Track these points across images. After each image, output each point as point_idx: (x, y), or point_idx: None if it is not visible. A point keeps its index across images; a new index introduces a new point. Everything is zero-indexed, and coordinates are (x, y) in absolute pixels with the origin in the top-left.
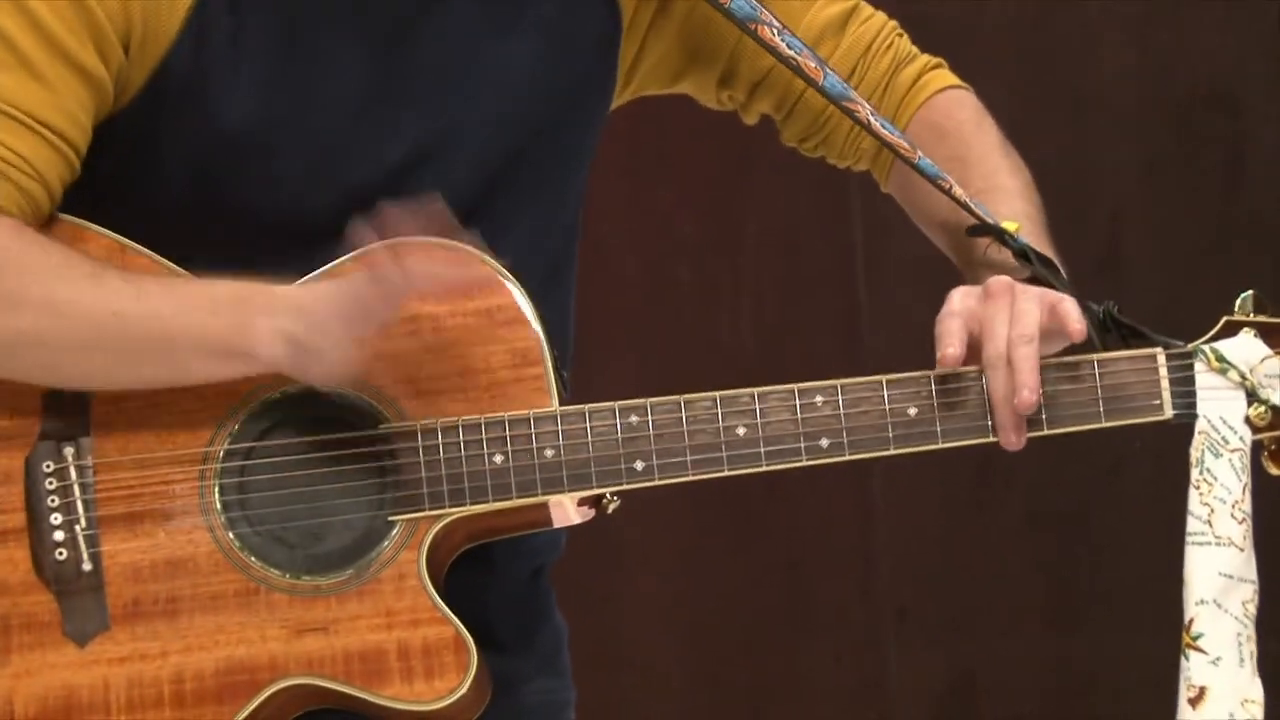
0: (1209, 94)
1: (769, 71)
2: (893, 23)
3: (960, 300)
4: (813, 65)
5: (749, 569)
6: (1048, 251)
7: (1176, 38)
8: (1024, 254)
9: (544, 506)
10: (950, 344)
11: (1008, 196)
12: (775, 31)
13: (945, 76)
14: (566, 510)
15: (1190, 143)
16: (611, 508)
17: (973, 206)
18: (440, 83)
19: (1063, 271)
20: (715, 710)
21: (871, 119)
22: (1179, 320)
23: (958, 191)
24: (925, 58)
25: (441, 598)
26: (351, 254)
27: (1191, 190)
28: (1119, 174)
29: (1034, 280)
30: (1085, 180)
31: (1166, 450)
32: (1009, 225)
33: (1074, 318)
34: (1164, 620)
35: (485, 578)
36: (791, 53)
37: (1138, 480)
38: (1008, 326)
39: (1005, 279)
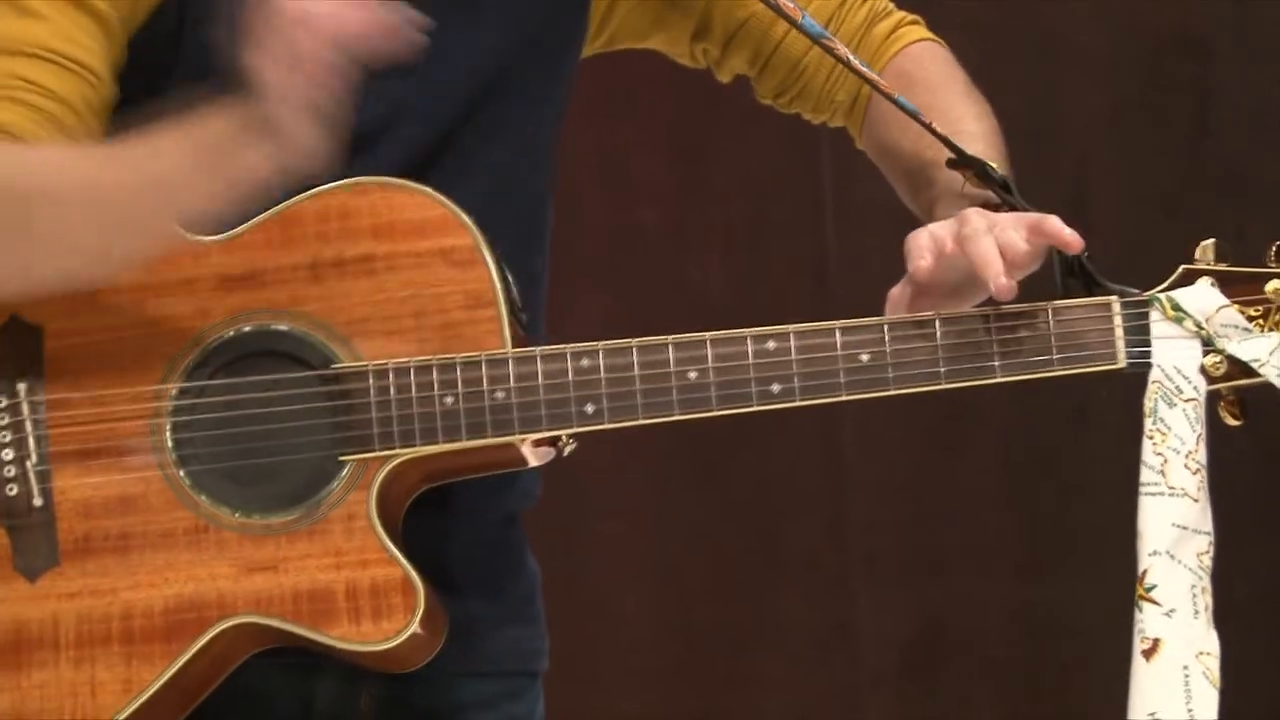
0: (1177, 40)
1: (745, 22)
2: None
3: (932, 225)
4: (791, 6)
5: (717, 514)
6: None
7: None
8: (1006, 186)
9: (507, 446)
10: (921, 256)
11: (970, 140)
12: None
13: (920, 31)
14: (523, 452)
15: (1158, 89)
16: (568, 449)
17: (953, 141)
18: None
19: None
20: (682, 656)
21: (850, 57)
22: (1145, 266)
23: (939, 123)
24: (901, 14)
25: (397, 539)
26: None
27: (1158, 136)
28: (1086, 120)
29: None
30: (1052, 126)
31: (1135, 395)
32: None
33: (1065, 228)
34: (1133, 566)
35: (446, 523)
36: None
37: (1106, 425)
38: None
39: (978, 208)
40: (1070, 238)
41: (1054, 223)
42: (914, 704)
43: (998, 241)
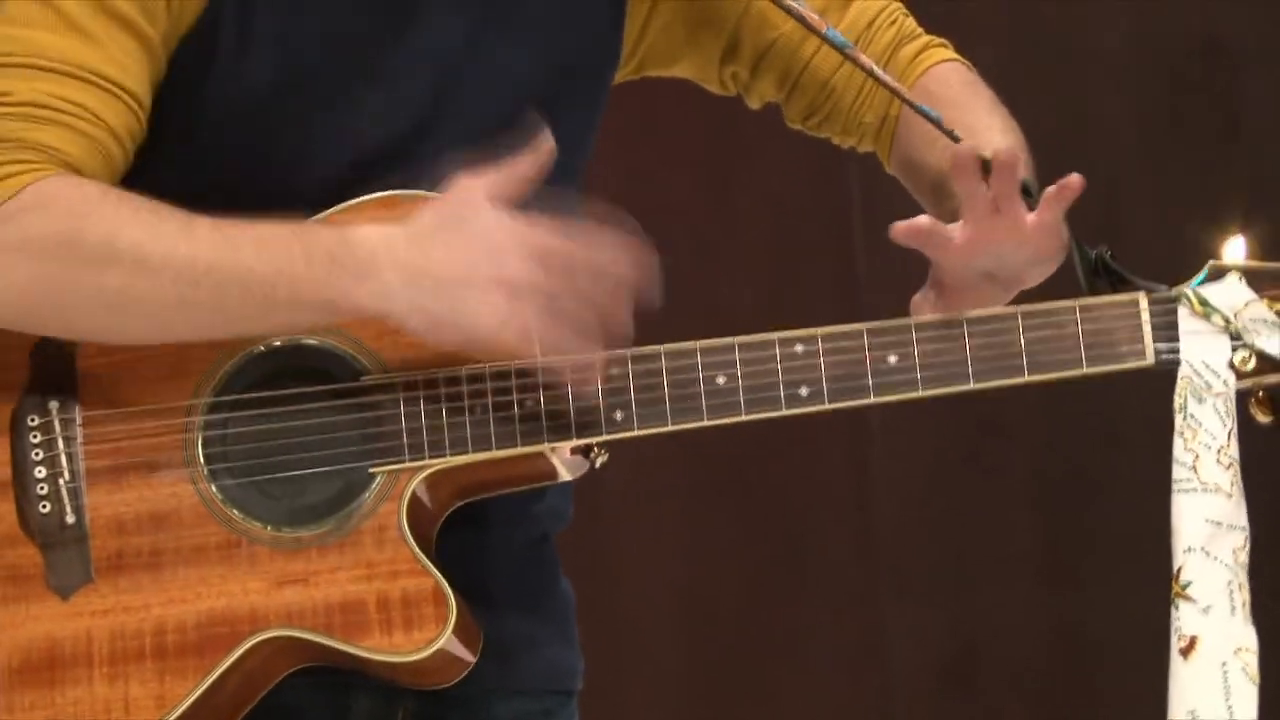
0: (1203, 48)
1: (773, 43)
2: (897, 3)
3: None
4: (817, 19)
5: (744, 530)
6: None
7: None
8: (1026, 189)
9: (538, 458)
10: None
11: None
12: None
13: (947, 53)
14: (554, 463)
15: (1185, 97)
16: (599, 462)
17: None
18: (446, 62)
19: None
20: (711, 672)
21: (874, 67)
22: (1174, 275)
23: (965, 139)
24: (929, 37)
25: (429, 552)
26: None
27: (1187, 144)
28: (1113, 128)
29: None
30: (1080, 135)
31: (1166, 408)
32: None
33: (1071, 176)
34: (1164, 578)
35: (480, 542)
36: (795, 4)
37: (1137, 438)
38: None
39: None
40: (1073, 179)
41: (1060, 187)
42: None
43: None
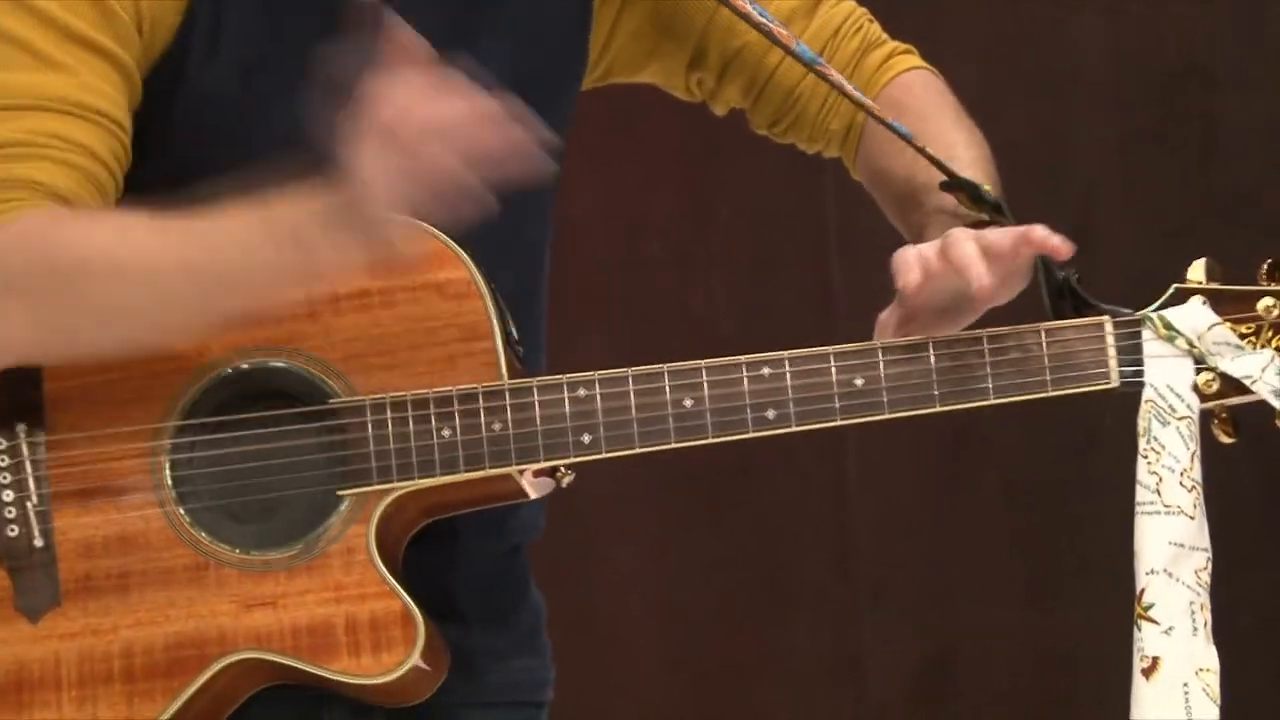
0: (1184, 68)
1: (739, 51)
2: (862, 9)
3: (919, 244)
4: (784, 33)
5: (723, 546)
6: None
7: (1152, 11)
8: (998, 208)
9: (506, 479)
10: (910, 269)
11: (963, 166)
12: (747, 1)
13: (912, 60)
14: (522, 484)
15: (1165, 117)
16: (565, 481)
17: (946, 164)
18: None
19: None
20: (690, 688)
21: (844, 82)
22: (1151, 295)
23: (931, 150)
24: (894, 44)
25: (397, 573)
26: None
27: (1166, 165)
28: (1093, 148)
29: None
30: (1059, 154)
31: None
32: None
33: (1053, 235)
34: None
35: (451, 556)
36: (763, 19)
37: (1113, 454)
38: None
39: (964, 227)
40: (1059, 244)
41: (1040, 231)
42: None
43: (979, 244)
